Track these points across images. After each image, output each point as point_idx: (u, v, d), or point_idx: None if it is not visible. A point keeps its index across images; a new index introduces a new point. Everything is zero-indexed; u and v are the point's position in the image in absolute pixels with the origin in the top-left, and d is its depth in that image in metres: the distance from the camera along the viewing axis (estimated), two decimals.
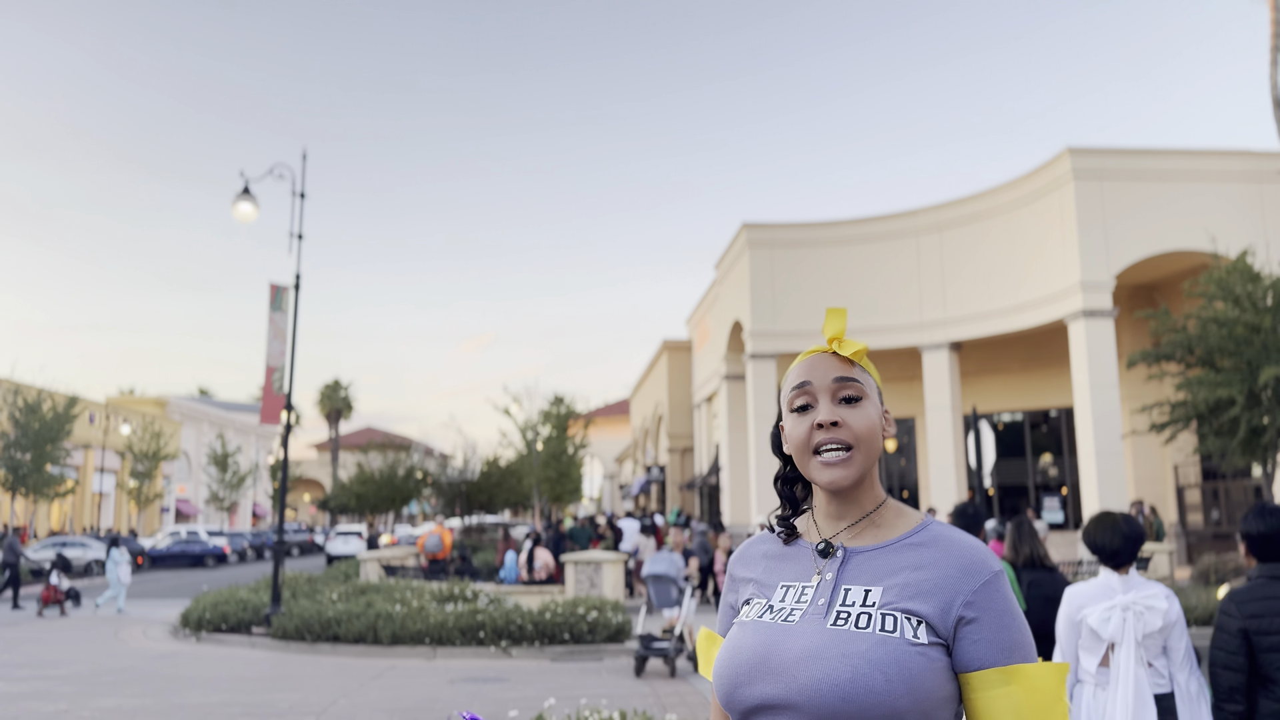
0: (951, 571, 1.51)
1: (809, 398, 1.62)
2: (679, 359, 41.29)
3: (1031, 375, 28.10)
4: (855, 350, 1.62)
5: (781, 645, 1.51)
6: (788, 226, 28.03)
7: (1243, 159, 23.21)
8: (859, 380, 1.61)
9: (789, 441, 1.65)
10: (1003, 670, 1.45)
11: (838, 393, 1.60)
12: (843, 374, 1.61)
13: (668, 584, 11.58)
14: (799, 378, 1.64)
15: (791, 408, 1.64)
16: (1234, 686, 3.41)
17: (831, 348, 1.65)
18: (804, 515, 1.74)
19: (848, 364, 1.62)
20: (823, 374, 1.61)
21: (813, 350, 1.68)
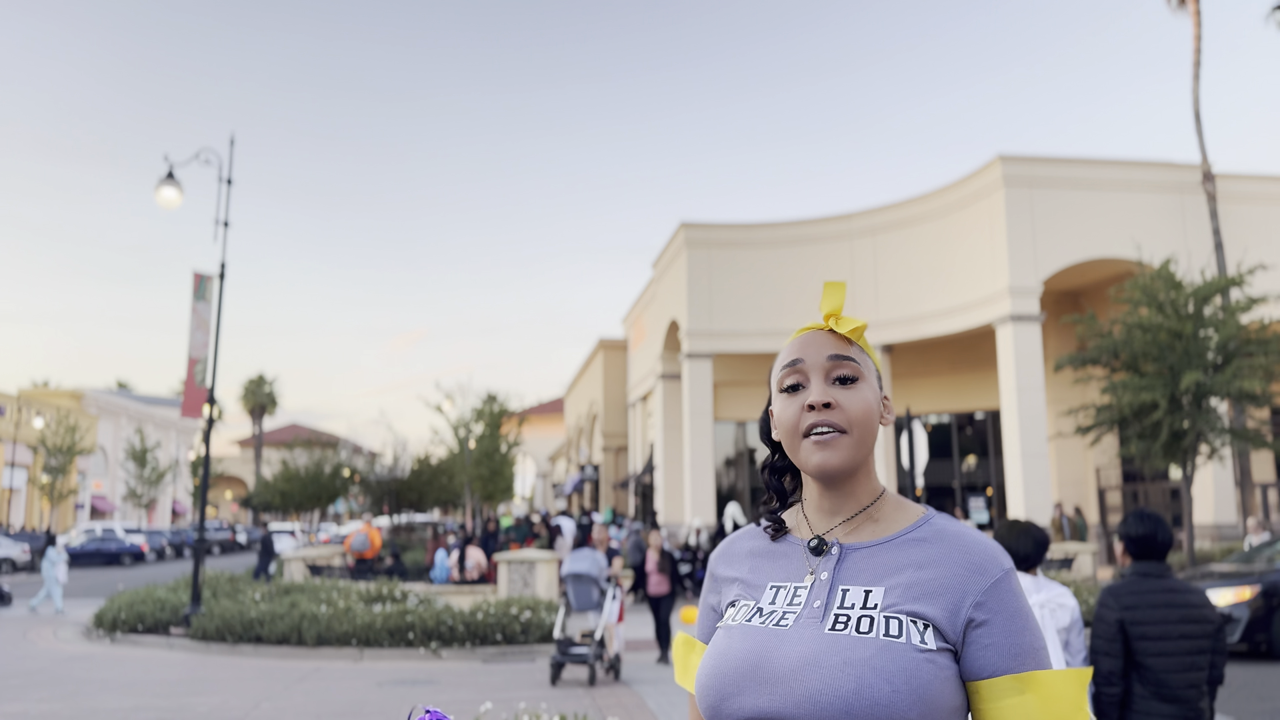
0: (959, 569, 1.38)
1: (800, 377, 1.47)
2: (615, 358, 41.17)
3: (959, 378, 28.57)
4: (853, 328, 1.48)
5: (775, 652, 1.37)
6: (725, 227, 28.09)
7: (1166, 170, 23.88)
8: (855, 360, 1.47)
9: (778, 425, 1.51)
10: (1017, 678, 1.33)
11: (832, 372, 1.46)
12: (838, 352, 1.47)
13: (589, 584, 10.99)
14: (791, 355, 1.50)
15: (781, 388, 1.50)
16: (1111, 671, 3.73)
17: (828, 324, 1.51)
18: (793, 509, 1.60)
19: (844, 342, 1.48)
20: (816, 351, 1.47)
21: (807, 327, 1.54)
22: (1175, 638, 3.72)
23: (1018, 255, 22.94)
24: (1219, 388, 16.74)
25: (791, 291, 27.27)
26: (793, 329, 26.88)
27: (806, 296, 27.10)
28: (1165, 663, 3.70)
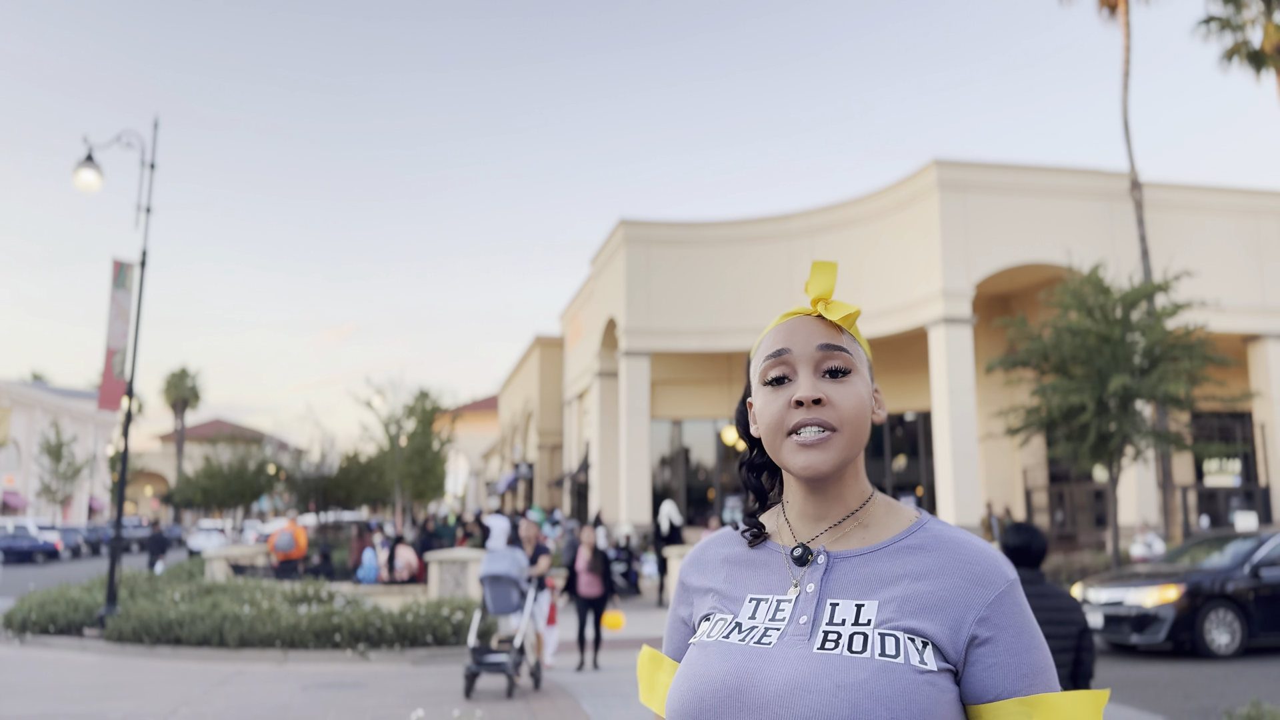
0: (960, 580, 1.24)
1: (787, 369, 1.31)
2: (551, 355, 40.86)
3: (892, 378, 28.88)
4: (845, 314, 1.32)
5: (759, 674, 1.21)
6: (665, 224, 28.01)
7: (1095, 177, 24.41)
8: (847, 350, 1.31)
9: (760, 421, 1.34)
10: (1024, 701, 1.19)
11: (822, 364, 1.30)
12: (829, 341, 1.30)
13: (507, 586, 10.12)
14: (776, 344, 1.33)
15: (764, 380, 1.33)
16: None
17: (816, 310, 1.35)
18: (772, 512, 1.44)
19: (835, 330, 1.32)
20: (805, 340, 1.31)
21: (793, 312, 1.37)
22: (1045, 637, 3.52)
23: (951, 258, 23.25)
24: (1145, 391, 17.12)
25: (730, 290, 27.31)
26: (731, 328, 27.02)
27: (745, 295, 27.16)
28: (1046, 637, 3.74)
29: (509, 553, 10.32)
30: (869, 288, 25.52)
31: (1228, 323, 23.76)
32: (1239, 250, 25.00)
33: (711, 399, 31.47)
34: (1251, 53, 24.86)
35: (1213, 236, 24.83)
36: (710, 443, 32.03)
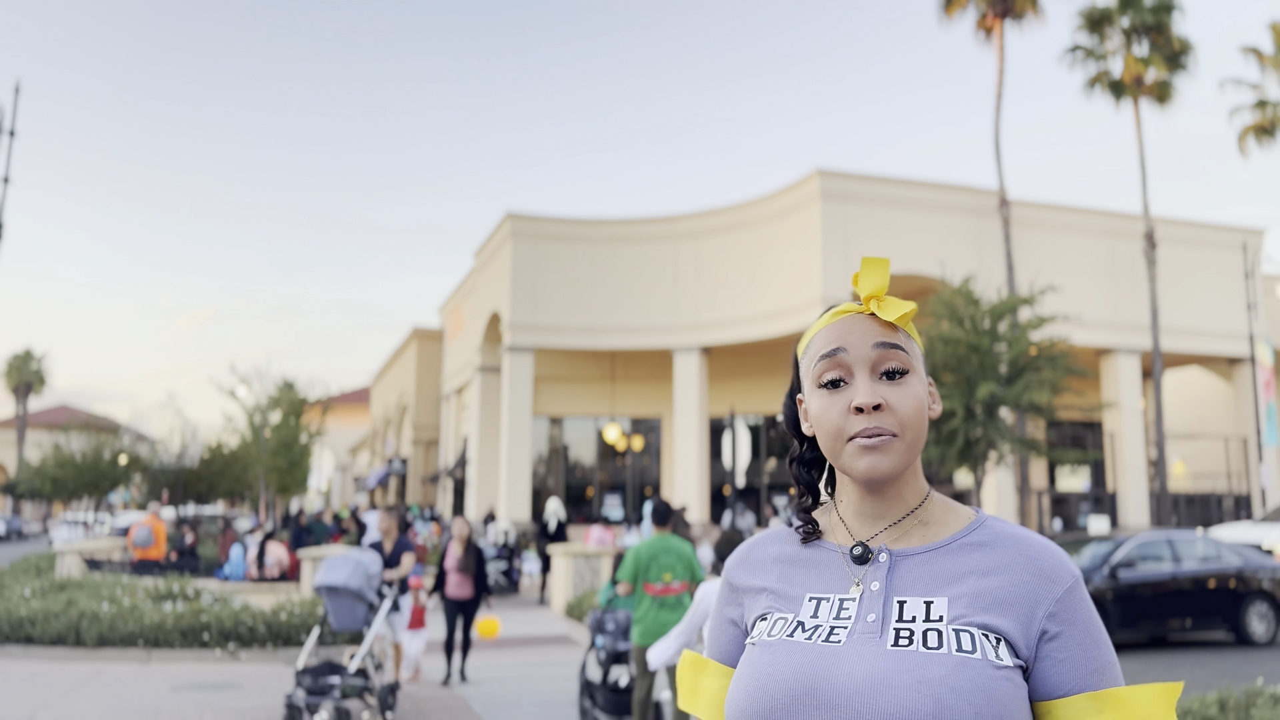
0: (1028, 576, 1.24)
1: (843, 370, 1.28)
2: (429, 348, 40.07)
3: (770, 381, 29.49)
4: (901, 313, 1.30)
5: (833, 671, 1.18)
6: (552, 220, 27.84)
7: (967, 194, 25.49)
8: (904, 349, 1.29)
9: (817, 425, 1.31)
10: (1094, 696, 1.20)
11: (879, 365, 1.27)
12: (886, 340, 1.28)
13: (349, 599, 8.28)
14: (830, 343, 1.30)
15: (819, 382, 1.30)
16: None
17: (869, 307, 1.32)
18: (823, 509, 1.42)
19: (891, 329, 1.29)
20: (861, 340, 1.28)
21: (844, 309, 1.34)
22: None
23: (831, 266, 23.88)
24: (1010, 399, 17.97)
25: (616, 289, 27.35)
26: (616, 327, 27.07)
27: (630, 294, 27.25)
28: None
29: (349, 559, 8.38)
30: (752, 291, 25.98)
31: (1085, 336, 25.18)
32: (1096, 268, 26.52)
33: (593, 397, 31.47)
34: (1112, 82, 26.42)
35: (1073, 254, 26.27)
36: (591, 441, 32.01)
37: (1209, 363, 30.58)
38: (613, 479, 31.87)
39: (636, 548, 7.30)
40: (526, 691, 9.93)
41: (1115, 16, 26.23)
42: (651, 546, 7.21)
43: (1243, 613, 13.12)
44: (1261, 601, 13.22)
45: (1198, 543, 13.66)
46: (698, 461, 26.05)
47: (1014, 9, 25.43)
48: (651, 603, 7.05)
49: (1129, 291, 26.72)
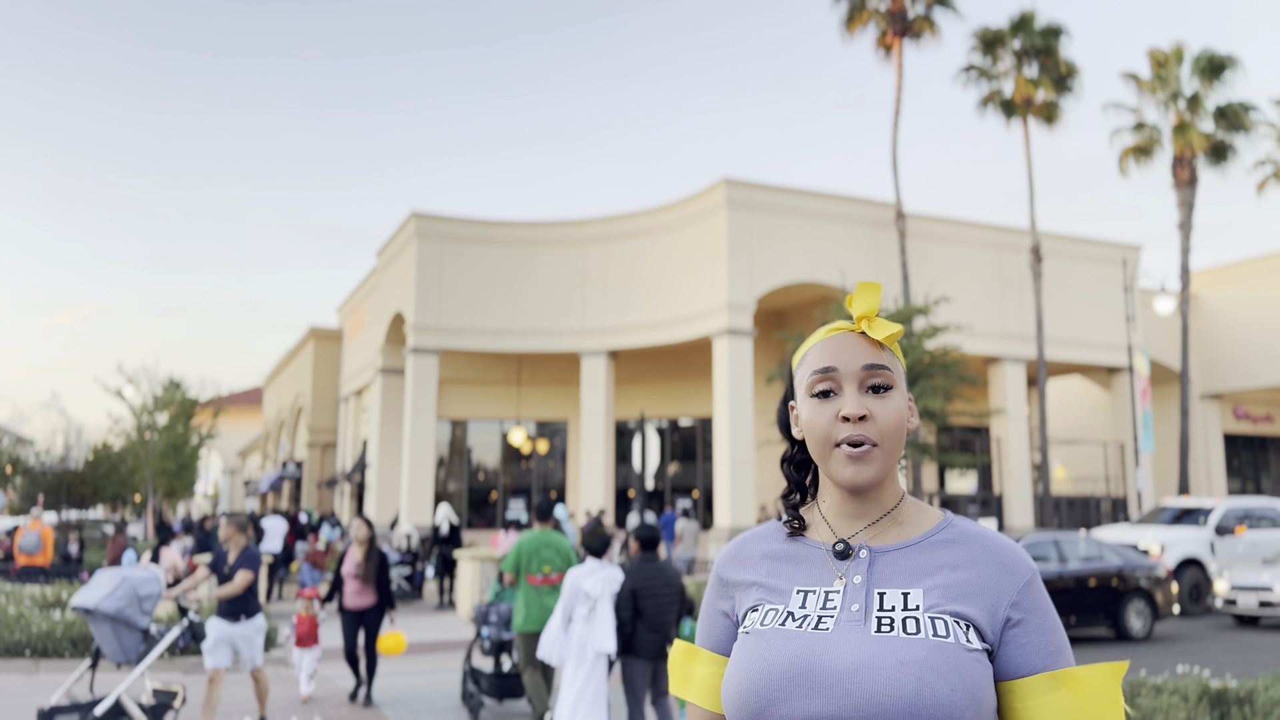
0: (992, 570, 1.40)
1: (833, 384, 1.43)
2: (327, 348, 39.17)
3: (675, 385, 29.81)
4: (889, 334, 1.45)
5: (825, 655, 1.32)
6: (459, 221, 27.60)
7: (866, 206, 26.26)
8: (889, 368, 1.44)
9: (807, 430, 1.45)
10: (1052, 675, 1.35)
11: (866, 381, 1.42)
12: (873, 360, 1.43)
13: (115, 625, 7.18)
14: (824, 360, 1.44)
15: (812, 392, 1.45)
16: (625, 619, 6.59)
17: (860, 327, 1.47)
18: (807, 509, 1.56)
19: (878, 348, 1.45)
20: (851, 358, 1.43)
21: (838, 326, 1.49)
22: (659, 596, 6.63)
23: (736, 273, 24.30)
24: None
25: (523, 292, 27.27)
26: (523, 330, 26.99)
27: (538, 298, 27.21)
28: (653, 608, 6.60)
29: (117, 574, 7.31)
30: (659, 297, 26.24)
31: (975, 345, 26.20)
32: (985, 280, 27.64)
33: (498, 400, 31.29)
34: (1004, 101, 27.58)
35: (964, 266, 27.32)
36: (495, 444, 31.82)
37: (1089, 372, 32.16)
38: (517, 482, 31.75)
39: (519, 542, 8.04)
40: (439, 696, 9.88)
41: (1007, 39, 27.40)
42: (533, 541, 7.95)
43: (1122, 610, 13.89)
44: (1139, 599, 14.02)
45: (1081, 543, 14.41)
46: (604, 464, 26.17)
47: (912, 28, 26.33)
48: (533, 592, 7.84)
49: (1016, 303, 27.92)
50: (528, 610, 7.79)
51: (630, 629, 6.58)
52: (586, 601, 6.79)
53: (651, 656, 6.64)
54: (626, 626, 6.59)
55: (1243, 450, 37.39)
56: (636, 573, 6.67)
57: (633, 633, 6.58)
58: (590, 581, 6.79)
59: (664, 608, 6.64)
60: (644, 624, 6.58)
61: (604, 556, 7.04)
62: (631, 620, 6.58)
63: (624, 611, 6.58)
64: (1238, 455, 37.15)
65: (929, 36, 26.45)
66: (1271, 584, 15.00)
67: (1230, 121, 29.11)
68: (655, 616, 6.60)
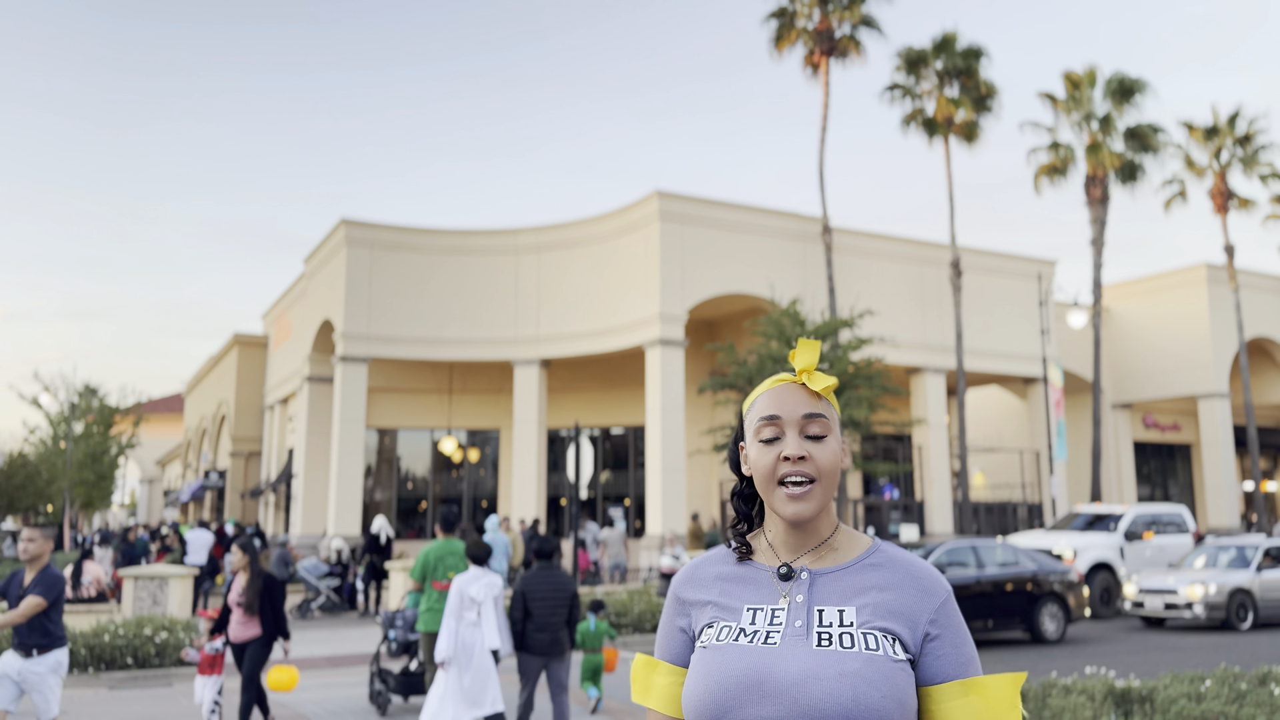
0: (914, 591, 1.62)
1: (777, 430, 1.64)
2: (252, 355, 38.44)
3: (607, 394, 30.01)
4: (825, 386, 1.67)
5: (774, 667, 1.52)
6: (390, 228, 27.40)
7: (794, 220, 26.81)
8: (825, 416, 1.65)
9: (754, 469, 1.66)
10: (963, 683, 1.57)
11: (805, 428, 1.63)
12: (811, 410, 1.64)
13: None
14: (769, 409, 1.65)
15: (759, 437, 1.66)
16: (517, 619, 7.49)
17: (800, 379, 1.68)
18: (755, 534, 1.76)
19: (816, 398, 1.66)
20: (792, 409, 1.64)
21: (780, 379, 1.70)
22: (548, 600, 7.51)
23: (668, 284, 24.61)
24: None
25: (455, 300, 27.19)
26: (454, 339, 26.90)
27: (470, 306, 27.15)
28: (541, 610, 7.48)
29: None
30: (592, 306, 26.42)
31: (897, 356, 26.92)
32: (908, 292, 28.41)
33: (429, 408, 31.12)
34: (926, 120, 28.40)
35: (888, 279, 28.05)
36: (425, 453, 31.61)
37: (1007, 382, 33.23)
38: (447, 491, 31.59)
39: (425, 551, 8.64)
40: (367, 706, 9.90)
41: (930, 59, 28.24)
42: (439, 550, 8.59)
43: (1037, 613, 14.47)
44: (1053, 603, 14.62)
45: (998, 549, 14.97)
46: (536, 473, 26.22)
47: (839, 48, 26.99)
48: (438, 596, 8.45)
49: (937, 315, 28.75)
50: (433, 612, 8.42)
51: (520, 627, 7.51)
52: (473, 606, 7.48)
53: (541, 652, 7.49)
54: (518, 625, 7.53)
55: (1152, 458, 38.98)
56: (529, 578, 7.58)
57: (523, 630, 7.50)
58: (474, 587, 7.48)
59: (552, 610, 7.51)
60: (532, 624, 7.47)
61: (484, 563, 7.75)
62: (522, 620, 7.50)
63: (515, 612, 7.52)
64: (1147, 462, 38.71)
65: (855, 56, 27.14)
66: (1176, 587, 15.76)
67: (1140, 142, 30.42)
68: (543, 617, 7.47)
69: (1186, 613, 15.55)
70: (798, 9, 27.22)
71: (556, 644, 7.52)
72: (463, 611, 7.43)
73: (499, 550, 19.24)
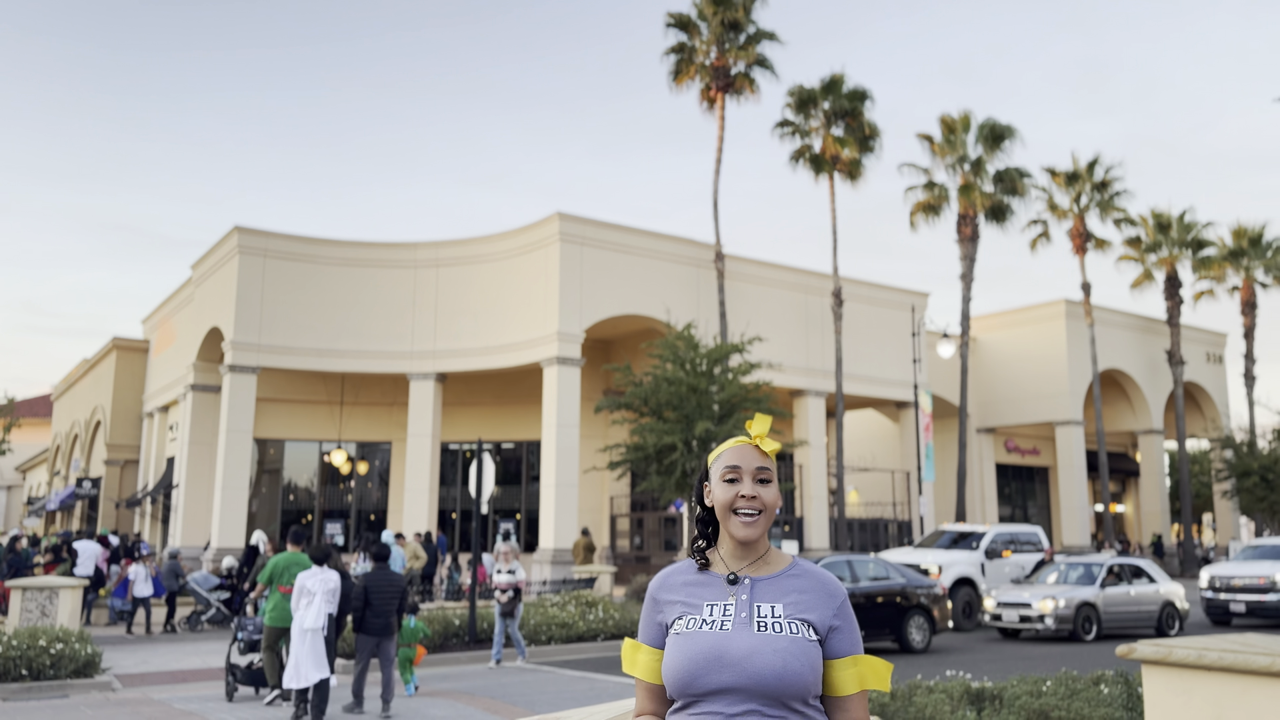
0: (823, 595, 2.34)
1: (737, 474, 2.35)
2: (131, 360, 37.29)
3: (501, 410, 30.42)
4: (772, 449, 2.39)
5: (728, 646, 2.22)
6: (285, 237, 27.24)
7: (688, 246, 27.84)
8: (770, 469, 2.38)
9: (717, 502, 2.36)
10: (853, 658, 2.31)
11: (756, 476, 2.35)
12: (762, 464, 2.36)
13: None
14: (732, 460, 2.36)
15: (723, 479, 2.37)
16: (358, 608, 10.02)
17: (755, 442, 2.40)
18: (711, 550, 2.46)
19: (765, 456, 2.38)
20: (749, 462, 2.35)
21: (740, 440, 2.41)
22: (384, 593, 10.11)
23: (567, 304, 25.27)
24: (722, 436, 20.07)
25: (350, 312, 27.20)
26: (349, 350, 26.96)
27: (366, 319, 27.21)
28: (378, 601, 10.05)
29: None
30: (490, 322, 26.84)
31: (783, 380, 28.18)
32: (793, 319, 29.78)
33: (318, 420, 30.91)
34: (813, 157, 29.87)
35: (775, 306, 29.36)
36: (312, 465, 31.36)
37: (881, 406, 35.03)
38: (333, 504, 31.40)
39: (273, 560, 10.66)
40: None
41: (819, 99, 29.74)
42: (286, 559, 10.66)
43: (905, 624, 15.62)
44: (920, 615, 15.80)
45: (871, 564, 16.09)
46: (429, 486, 26.44)
47: (734, 85, 28.20)
48: (282, 597, 10.46)
49: (819, 341, 30.21)
50: (276, 610, 10.47)
51: (361, 614, 10.03)
52: (308, 595, 9.50)
53: (376, 633, 10.13)
54: (359, 612, 10.03)
55: (1013, 479, 41.54)
56: (370, 577, 10.29)
57: (363, 617, 10.05)
58: (311, 581, 9.56)
59: (387, 601, 10.20)
60: (371, 611, 10.10)
61: (323, 563, 9.81)
62: (362, 608, 10.03)
63: (358, 602, 10.05)
64: (1008, 484, 41.25)
65: (749, 93, 28.39)
66: (1030, 601, 17.16)
67: (1008, 185, 32.66)
68: (379, 606, 10.15)
69: (1039, 625, 16.94)
70: (696, 45, 28.33)
71: (388, 628, 10.19)
72: (300, 599, 9.48)
73: (395, 563, 19.52)
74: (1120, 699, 7.08)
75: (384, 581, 10.25)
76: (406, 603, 10.52)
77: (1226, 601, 18.92)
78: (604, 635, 15.80)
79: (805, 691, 2.19)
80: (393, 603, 10.22)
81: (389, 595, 10.20)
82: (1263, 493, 34.62)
